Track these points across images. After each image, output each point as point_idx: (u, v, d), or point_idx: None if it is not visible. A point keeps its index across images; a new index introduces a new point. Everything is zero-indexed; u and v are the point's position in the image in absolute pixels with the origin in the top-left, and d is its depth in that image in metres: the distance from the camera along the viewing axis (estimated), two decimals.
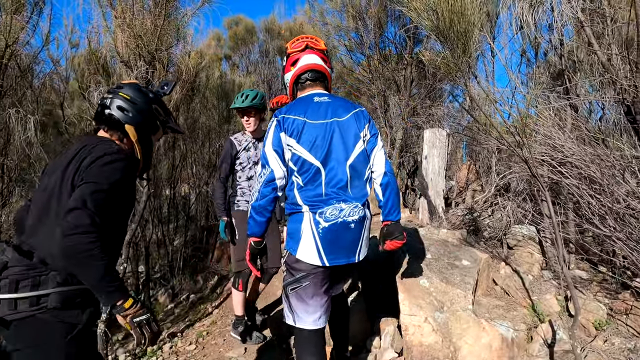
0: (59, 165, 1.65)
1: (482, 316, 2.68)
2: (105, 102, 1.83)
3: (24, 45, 4.48)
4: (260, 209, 2.09)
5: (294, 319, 2.16)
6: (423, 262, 3.06)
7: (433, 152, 5.02)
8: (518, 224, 3.95)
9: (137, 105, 1.84)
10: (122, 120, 1.80)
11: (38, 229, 1.58)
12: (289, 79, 2.23)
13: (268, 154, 2.08)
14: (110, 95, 1.84)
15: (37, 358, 1.48)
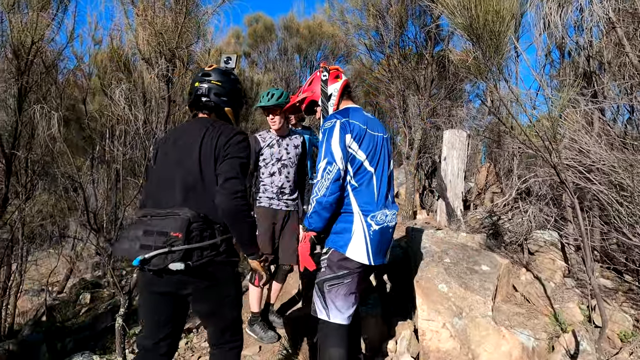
0: (185, 147, 1.97)
1: (502, 323, 2.62)
2: (201, 91, 2.08)
3: (49, 42, 4.55)
4: (327, 204, 2.16)
5: (328, 314, 2.25)
6: (441, 266, 3.01)
7: (452, 154, 4.94)
8: (539, 228, 3.85)
9: (228, 89, 2.12)
10: (222, 105, 2.11)
11: (191, 195, 1.91)
12: (338, 88, 2.42)
13: (335, 152, 2.17)
14: (205, 84, 2.09)
15: (221, 290, 1.97)
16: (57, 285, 8.06)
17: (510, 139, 3.01)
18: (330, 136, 2.20)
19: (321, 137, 2.25)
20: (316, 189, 2.15)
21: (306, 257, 2.20)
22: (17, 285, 6.06)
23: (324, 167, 2.15)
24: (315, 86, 2.48)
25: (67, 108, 7.44)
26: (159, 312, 1.95)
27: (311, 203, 2.15)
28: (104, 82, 5.32)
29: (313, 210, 2.15)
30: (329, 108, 2.44)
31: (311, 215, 2.15)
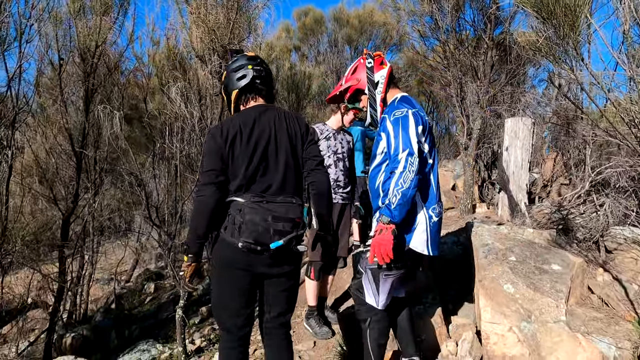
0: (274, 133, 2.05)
1: (577, 329, 2.39)
2: (260, 74, 2.11)
3: (112, 44, 4.79)
4: (411, 197, 2.09)
5: (378, 302, 2.30)
6: (506, 264, 2.80)
7: (515, 143, 4.62)
8: (618, 224, 3.48)
9: (271, 75, 2.20)
10: (274, 88, 2.24)
11: (289, 179, 2.06)
12: (385, 75, 2.34)
13: (414, 144, 2.11)
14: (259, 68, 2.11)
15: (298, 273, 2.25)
16: (125, 274, 8.59)
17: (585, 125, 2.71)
18: (406, 126, 2.13)
19: (392, 126, 2.16)
20: (401, 180, 2.03)
21: (390, 250, 2.04)
22: (89, 275, 6.52)
23: (405, 158, 2.06)
24: (360, 74, 2.39)
25: (130, 107, 7.86)
26: (250, 292, 2.06)
27: (395, 195, 2.03)
28: (162, 81, 5.52)
29: (398, 202, 2.02)
30: (376, 96, 2.36)
31: (396, 207, 2.03)
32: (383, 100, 2.37)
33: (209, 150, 1.99)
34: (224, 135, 1.99)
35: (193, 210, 1.98)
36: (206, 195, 1.91)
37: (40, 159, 5.13)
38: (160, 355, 3.82)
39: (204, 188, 1.93)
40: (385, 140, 2.22)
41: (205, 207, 1.91)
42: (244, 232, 1.89)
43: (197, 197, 1.95)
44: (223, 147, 1.97)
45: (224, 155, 1.96)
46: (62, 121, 4.73)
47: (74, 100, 5.09)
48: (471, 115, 5.48)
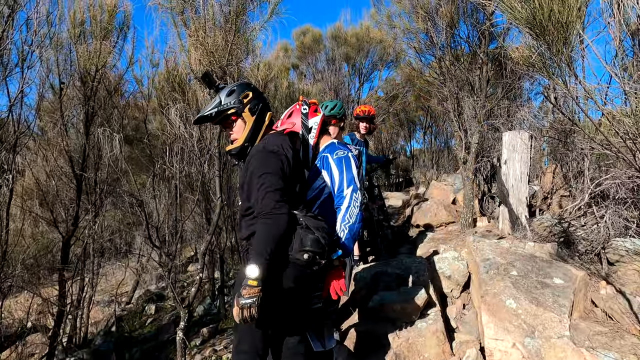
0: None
1: (581, 344, 2.35)
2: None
3: (112, 68, 4.86)
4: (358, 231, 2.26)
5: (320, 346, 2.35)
6: (508, 279, 2.78)
7: (514, 157, 4.64)
8: (619, 236, 3.47)
9: None
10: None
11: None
12: (318, 121, 2.46)
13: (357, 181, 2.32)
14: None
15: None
16: (125, 296, 8.51)
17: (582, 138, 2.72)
18: (349, 164, 2.33)
19: (335, 164, 2.34)
20: (347, 216, 2.20)
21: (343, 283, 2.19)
22: (89, 297, 6.46)
23: (350, 194, 2.24)
24: (295, 118, 2.52)
25: (132, 128, 7.92)
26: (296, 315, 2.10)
27: (342, 230, 2.18)
28: (162, 102, 5.58)
29: (346, 237, 2.19)
30: (309, 140, 2.49)
31: (344, 242, 2.19)
32: (315, 145, 2.49)
33: (275, 169, 1.92)
34: (284, 155, 2.00)
35: (266, 230, 1.79)
36: (283, 214, 1.82)
37: (41, 181, 5.14)
38: None
39: (281, 206, 1.83)
40: (328, 177, 2.36)
41: (284, 225, 1.82)
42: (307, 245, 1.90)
43: (274, 215, 1.80)
44: (286, 168, 1.97)
45: (286, 175, 1.95)
46: (62, 144, 4.76)
47: (74, 122, 5.14)
48: (469, 129, 5.51)
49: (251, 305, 1.70)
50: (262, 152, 1.98)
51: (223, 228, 6.61)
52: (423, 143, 14.15)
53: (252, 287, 1.71)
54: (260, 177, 1.88)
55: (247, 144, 2.10)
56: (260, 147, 2.02)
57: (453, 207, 6.64)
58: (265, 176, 1.88)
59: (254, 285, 1.71)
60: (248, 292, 1.70)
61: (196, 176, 4.93)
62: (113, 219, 8.03)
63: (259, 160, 1.95)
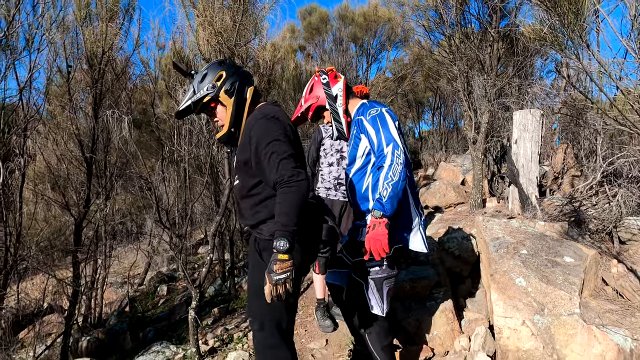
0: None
1: (591, 322, 2.35)
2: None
3: (118, 50, 4.84)
4: (401, 189, 2.08)
5: (383, 310, 2.25)
6: (518, 258, 2.78)
7: (524, 136, 4.57)
8: (632, 214, 3.43)
9: None
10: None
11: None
12: (342, 87, 2.39)
13: (396, 138, 2.14)
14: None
15: None
16: (138, 278, 8.68)
17: (595, 114, 2.67)
18: (385, 122, 2.18)
19: (370, 124, 2.21)
20: (390, 173, 2.05)
21: (386, 244, 2.02)
22: (103, 279, 6.60)
23: (392, 151, 2.09)
24: (317, 91, 2.43)
25: (139, 112, 7.94)
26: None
27: (385, 188, 2.03)
28: (169, 84, 5.56)
29: (389, 195, 2.02)
30: (338, 109, 2.39)
31: (387, 201, 2.02)
32: (345, 111, 2.41)
33: (281, 135, 1.77)
34: (286, 122, 1.87)
35: (289, 199, 1.65)
36: (304, 180, 1.68)
37: (52, 165, 5.20)
38: (174, 356, 3.85)
39: (299, 172, 1.68)
40: (367, 139, 2.25)
41: (307, 191, 1.68)
42: (322, 235, 1.86)
43: (294, 182, 1.65)
44: (291, 137, 1.84)
45: (292, 142, 1.83)
46: (71, 127, 4.79)
47: (82, 106, 5.16)
48: (479, 108, 5.44)
49: (286, 280, 1.61)
50: (263, 119, 1.83)
51: (232, 210, 6.66)
52: (432, 124, 14.03)
53: (284, 261, 1.61)
54: (268, 145, 1.74)
55: (233, 129, 1.97)
56: (258, 115, 1.87)
57: (462, 188, 6.61)
58: (274, 144, 1.74)
59: (285, 259, 1.61)
60: (280, 267, 1.60)
61: (205, 159, 4.93)
62: (124, 202, 8.12)
63: (261, 128, 1.80)
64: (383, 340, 2.29)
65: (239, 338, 4.05)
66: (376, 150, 2.16)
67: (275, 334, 1.85)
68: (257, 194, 1.89)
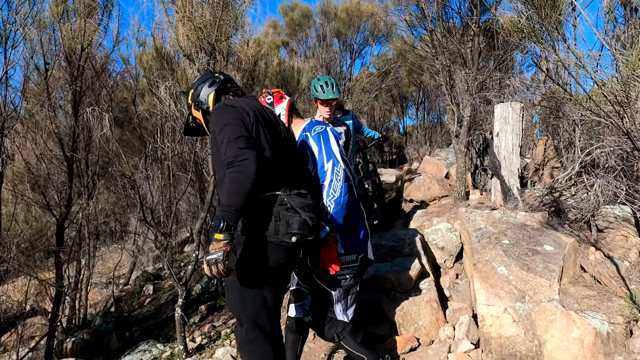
0: (278, 123, 2.07)
1: (570, 307, 2.42)
2: (230, 77, 2.25)
3: (97, 46, 4.76)
4: (344, 204, 2.19)
5: (348, 317, 2.36)
6: (499, 247, 2.83)
7: (505, 128, 4.65)
8: (609, 203, 3.53)
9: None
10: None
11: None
12: (285, 107, 2.48)
13: (337, 154, 2.28)
14: (227, 75, 2.26)
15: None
16: (123, 278, 8.57)
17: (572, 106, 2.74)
18: (327, 139, 2.29)
19: (314, 141, 2.31)
20: (331, 190, 2.18)
21: (336, 259, 2.16)
22: (87, 279, 6.50)
23: (331, 168, 2.21)
24: None
25: (121, 110, 7.80)
26: (287, 280, 2.13)
27: (329, 205, 2.16)
28: (151, 81, 5.49)
29: (334, 211, 2.15)
30: None
31: (332, 217, 2.15)
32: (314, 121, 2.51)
33: (233, 119, 1.80)
34: (242, 108, 1.88)
35: (232, 179, 1.65)
36: (249, 159, 1.67)
37: (32, 165, 5.09)
38: (161, 354, 3.83)
39: (245, 152, 1.68)
40: (311, 156, 2.34)
41: (253, 171, 1.66)
42: (294, 228, 1.80)
43: (238, 161, 1.65)
44: (248, 122, 1.85)
45: (249, 126, 1.83)
46: (51, 126, 4.70)
47: (62, 104, 5.06)
48: (461, 102, 5.50)
49: (217, 261, 1.59)
50: (218, 108, 1.91)
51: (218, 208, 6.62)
52: (416, 119, 14.13)
53: (218, 242, 1.61)
54: (221, 132, 1.78)
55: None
56: (216, 107, 1.95)
57: (446, 181, 6.69)
58: (225, 128, 1.78)
59: (219, 239, 1.61)
60: (213, 247, 1.61)
61: (189, 156, 4.89)
62: (107, 202, 7.99)
63: (216, 117, 1.86)
64: (357, 337, 2.37)
65: (226, 334, 4.05)
66: (318, 167, 2.27)
67: (253, 329, 1.87)
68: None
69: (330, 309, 2.33)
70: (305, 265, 2.37)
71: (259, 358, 1.88)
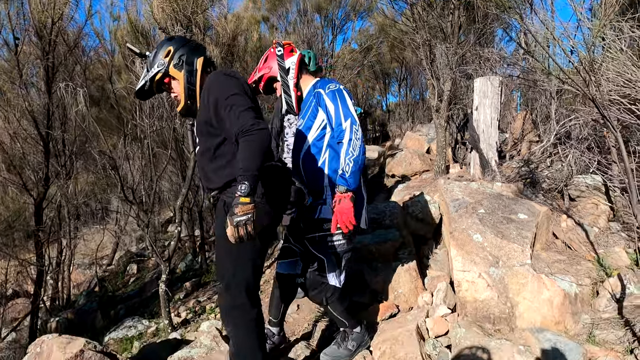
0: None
1: (541, 271, 2.53)
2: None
3: (69, 20, 4.60)
4: (362, 163, 2.17)
5: (340, 282, 2.37)
6: (475, 216, 2.92)
7: (484, 102, 4.70)
8: (581, 173, 3.65)
9: None
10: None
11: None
12: (295, 61, 2.42)
13: (354, 114, 2.21)
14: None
15: None
16: (106, 258, 8.53)
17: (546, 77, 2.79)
18: (343, 98, 2.25)
19: (329, 98, 2.27)
20: (350, 148, 2.14)
21: (352, 217, 2.12)
22: (69, 260, 6.45)
23: (350, 127, 2.18)
24: (271, 62, 2.47)
25: (97, 88, 7.61)
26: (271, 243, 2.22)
27: (347, 163, 2.13)
28: (126, 57, 5.34)
29: (352, 170, 2.12)
30: (289, 82, 2.43)
31: (350, 175, 2.12)
32: (296, 85, 2.45)
33: (239, 90, 1.82)
34: (245, 82, 1.89)
35: (251, 146, 1.70)
36: (265, 129, 1.74)
37: (6, 144, 4.96)
38: (147, 329, 3.87)
39: (259, 122, 1.74)
40: (324, 113, 2.30)
41: (268, 140, 1.74)
42: (289, 193, 1.92)
43: (255, 130, 1.70)
44: (249, 94, 1.87)
45: (250, 98, 1.86)
46: (24, 104, 4.56)
47: (34, 81, 4.91)
48: (441, 77, 5.53)
49: (246, 222, 1.63)
50: (221, 76, 1.87)
51: (200, 186, 6.59)
52: (398, 96, 14.15)
53: (245, 204, 1.65)
54: (228, 99, 1.79)
55: (189, 101, 1.99)
56: (215, 75, 1.91)
57: (427, 157, 6.77)
58: (233, 97, 1.79)
59: (246, 202, 1.65)
60: (242, 210, 1.64)
61: (168, 133, 4.83)
62: (86, 182, 7.87)
63: (219, 84, 1.84)
64: (344, 303, 2.41)
65: (211, 309, 4.10)
66: (334, 125, 2.23)
67: (241, 294, 1.88)
68: (223, 155, 1.90)
69: (322, 274, 2.34)
70: (297, 227, 2.38)
71: (242, 325, 1.92)
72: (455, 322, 2.57)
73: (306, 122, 2.41)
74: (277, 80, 2.46)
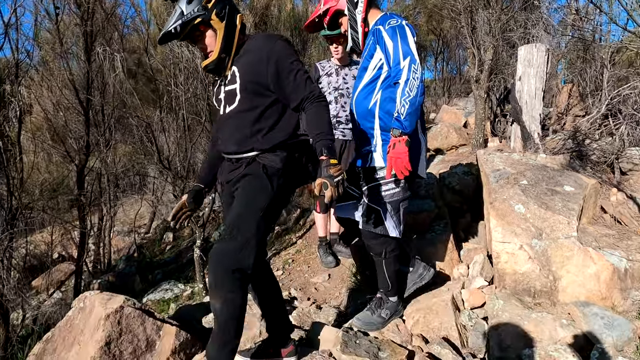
0: None
1: (588, 244, 2.39)
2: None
3: None
4: (419, 105, 2.02)
5: (400, 232, 2.24)
6: (518, 187, 2.78)
7: (529, 72, 4.44)
8: (635, 146, 3.41)
9: None
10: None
11: None
12: None
13: (415, 52, 2.04)
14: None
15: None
16: (144, 227, 8.85)
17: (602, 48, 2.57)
18: (404, 34, 2.06)
19: (388, 35, 2.08)
20: (407, 89, 1.96)
21: (408, 162, 1.97)
22: (109, 226, 6.73)
23: (408, 66, 1.99)
24: None
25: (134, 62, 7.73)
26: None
27: (402, 105, 1.96)
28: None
29: (407, 111, 1.96)
30: (357, 16, 2.24)
31: (406, 117, 1.97)
32: (364, 20, 2.25)
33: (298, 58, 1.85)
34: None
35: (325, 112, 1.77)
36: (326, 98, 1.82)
37: (49, 112, 5.14)
38: (182, 293, 4.00)
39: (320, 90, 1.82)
40: (382, 52, 2.12)
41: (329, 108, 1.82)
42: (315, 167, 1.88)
43: (322, 97, 1.78)
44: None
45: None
46: (65, 73, 4.69)
47: (74, 50, 5.02)
48: (482, 45, 5.26)
49: (339, 183, 1.66)
50: (280, 40, 1.83)
51: None
52: (434, 71, 13.69)
53: (336, 165, 1.68)
54: (292, 63, 1.79)
55: (223, 55, 1.85)
56: (270, 37, 1.86)
57: (464, 130, 6.54)
58: (297, 63, 1.80)
59: (336, 164, 1.68)
60: (335, 170, 1.66)
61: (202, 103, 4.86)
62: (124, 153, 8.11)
63: (282, 48, 1.80)
64: (397, 264, 2.33)
65: None
66: (392, 63, 2.06)
67: (252, 255, 1.70)
68: (270, 117, 1.83)
69: (381, 226, 2.22)
70: (354, 172, 2.31)
71: (238, 290, 1.69)
72: (492, 294, 2.49)
73: (363, 62, 2.28)
74: (344, 15, 2.29)
